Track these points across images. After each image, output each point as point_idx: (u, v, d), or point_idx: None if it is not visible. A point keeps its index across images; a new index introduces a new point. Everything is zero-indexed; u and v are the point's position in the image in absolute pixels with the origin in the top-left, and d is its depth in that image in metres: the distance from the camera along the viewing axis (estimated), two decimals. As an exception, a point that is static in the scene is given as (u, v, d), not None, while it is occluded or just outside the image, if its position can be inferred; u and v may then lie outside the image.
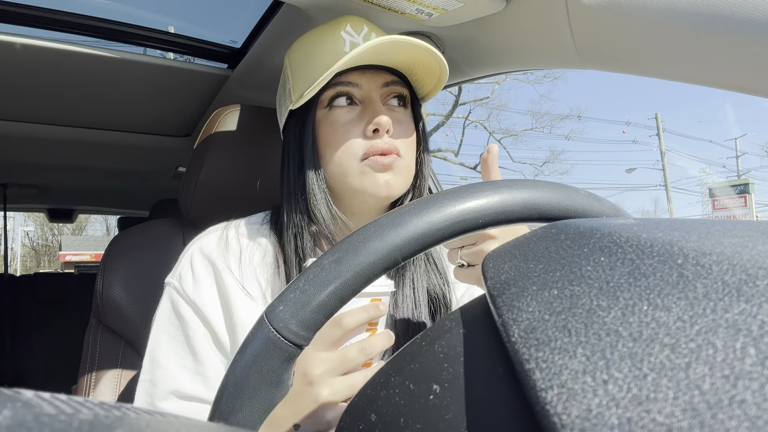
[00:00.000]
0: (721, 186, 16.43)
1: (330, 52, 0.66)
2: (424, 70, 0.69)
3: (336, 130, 0.66)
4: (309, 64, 0.67)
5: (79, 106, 1.36)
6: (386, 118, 0.64)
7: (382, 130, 0.64)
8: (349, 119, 0.67)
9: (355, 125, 0.66)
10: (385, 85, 0.68)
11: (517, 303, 0.20)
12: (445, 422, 0.20)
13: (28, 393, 0.13)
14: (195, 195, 0.90)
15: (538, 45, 0.81)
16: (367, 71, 0.67)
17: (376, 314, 0.52)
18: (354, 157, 0.65)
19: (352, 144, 0.65)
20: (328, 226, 0.66)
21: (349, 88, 0.67)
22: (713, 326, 0.16)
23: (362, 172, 0.65)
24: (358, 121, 0.66)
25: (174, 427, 0.13)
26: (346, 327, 0.50)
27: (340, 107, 0.67)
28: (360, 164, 0.65)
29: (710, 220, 0.23)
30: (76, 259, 17.31)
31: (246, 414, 0.30)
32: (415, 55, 0.66)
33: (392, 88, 0.69)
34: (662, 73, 0.69)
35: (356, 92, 0.67)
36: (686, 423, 0.14)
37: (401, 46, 0.63)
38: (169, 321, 0.67)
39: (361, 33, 0.68)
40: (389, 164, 0.65)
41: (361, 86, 0.67)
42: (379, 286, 0.54)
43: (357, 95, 0.67)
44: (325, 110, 0.68)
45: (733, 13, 0.54)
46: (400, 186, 0.67)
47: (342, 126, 0.66)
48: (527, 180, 0.33)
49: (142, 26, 1.11)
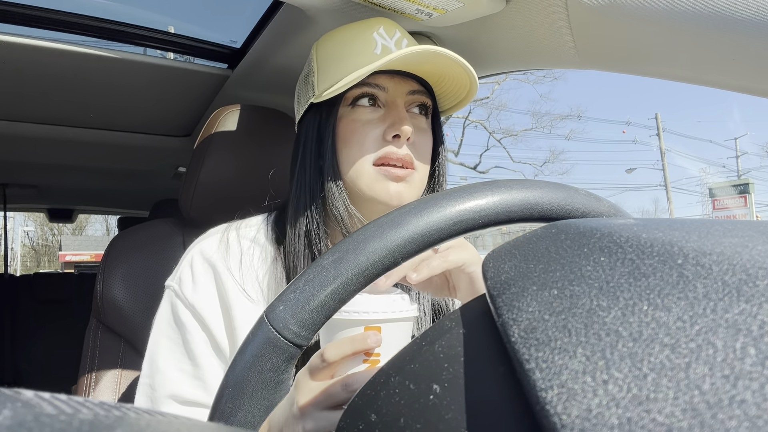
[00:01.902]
0: (721, 186, 16.43)
1: (361, 52, 0.66)
2: (452, 83, 0.69)
3: (356, 128, 0.66)
4: (339, 60, 0.67)
5: (79, 106, 1.36)
6: (408, 127, 0.64)
7: (403, 137, 0.64)
8: (370, 119, 0.67)
9: (376, 126, 0.66)
10: (411, 93, 0.68)
11: (517, 303, 0.20)
12: (445, 422, 0.20)
13: (28, 393, 0.13)
14: (195, 195, 0.90)
15: (538, 45, 0.81)
16: (396, 76, 0.67)
17: (363, 347, 0.44)
18: (368, 159, 0.65)
19: (368, 145, 0.65)
20: (346, 224, 0.66)
21: (376, 90, 0.67)
22: (713, 326, 0.16)
23: (374, 178, 0.65)
24: (379, 123, 0.66)
25: (174, 427, 0.13)
26: (329, 359, 0.44)
27: (363, 107, 0.67)
28: (373, 168, 0.65)
29: (710, 220, 0.23)
30: (76, 259, 17.31)
31: (246, 414, 0.30)
32: (447, 68, 0.66)
33: (417, 96, 0.69)
34: (662, 73, 0.69)
35: (382, 95, 0.67)
36: (686, 423, 0.14)
37: (437, 57, 0.63)
38: (168, 325, 0.66)
39: (394, 37, 0.68)
40: (403, 176, 0.65)
41: (387, 90, 0.67)
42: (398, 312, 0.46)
43: (382, 98, 0.67)
44: (348, 108, 0.68)
45: (733, 13, 0.54)
46: (411, 198, 0.66)
47: (362, 125, 0.66)
48: (527, 180, 0.33)
49: (142, 26, 1.11)
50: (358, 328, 0.46)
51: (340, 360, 0.45)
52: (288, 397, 0.48)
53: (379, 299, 0.47)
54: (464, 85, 0.69)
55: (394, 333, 0.46)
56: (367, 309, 0.45)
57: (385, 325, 0.46)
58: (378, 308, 0.45)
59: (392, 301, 0.47)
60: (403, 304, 0.47)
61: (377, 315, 0.45)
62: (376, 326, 0.46)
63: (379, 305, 0.46)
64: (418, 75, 0.69)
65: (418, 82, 0.69)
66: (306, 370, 0.47)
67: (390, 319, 0.46)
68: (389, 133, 0.64)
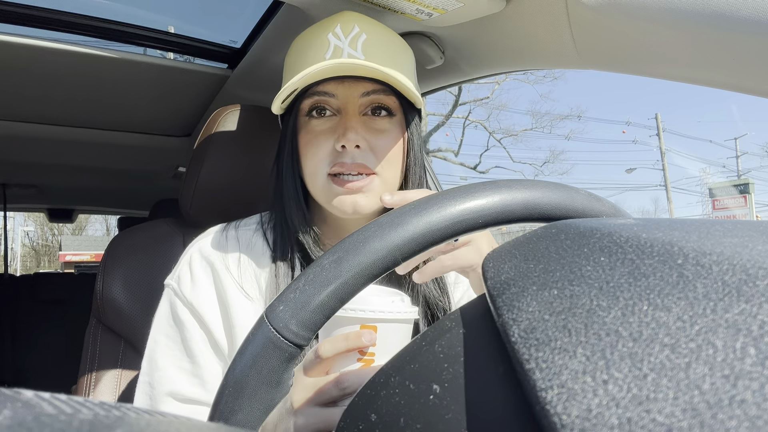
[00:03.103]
0: (721, 186, 16.43)
1: (312, 58, 0.63)
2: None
3: (309, 140, 0.65)
4: (293, 69, 0.65)
5: (79, 106, 1.36)
6: (353, 135, 0.62)
7: (348, 146, 0.62)
8: (322, 129, 0.65)
9: (327, 137, 0.65)
10: (365, 94, 0.65)
11: (517, 303, 0.20)
12: (445, 422, 0.20)
13: (28, 393, 0.13)
14: (195, 195, 0.90)
15: (538, 45, 0.81)
16: (346, 80, 0.65)
17: (357, 345, 0.44)
18: (321, 171, 0.64)
19: (321, 156, 0.64)
20: (303, 233, 0.66)
21: (326, 98, 0.65)
22: (713, 326, 0.16)
23: (329, 190, 0.64)
24: (331, 133, 0.65)
25: (174, 427, 0.13)
26: (322, 355, 0.44)
27: (317, 117, 0.66)
28: (326, 180, 0.64)
29: (710, 220, 0.23)
30: (76, 259, 17.30)
31: (246, 414, 0.30)
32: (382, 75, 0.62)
33: (373, 97, 0.66)
34: (662, 73, 0.69)
35: (333, 102, 0.65)
36: (686, 423, 0.14)
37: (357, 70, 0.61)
38: (167, 323, 0.67)
39: (350, 34, 0.64)
40: (357, 188, 0.63)
41: (337, 96, 0.65)
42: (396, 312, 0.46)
43: (333, 105, 0.66)
44: (305, 118, 0.67)
45: (733, 13, 0.54)
46: (371, 205, 0.64)
47: (315, 137, 0.65)
48: (527, 180, 0.33)
49: (142, 26, 1.11)
50: (354, 325, 0.46)
51: (333, 356, 0.45)
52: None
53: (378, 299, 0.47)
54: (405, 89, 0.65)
55: (390, 334, 0.46)
56: (364, 307, 0.45)
57: (382, 324, 0.46)
58: (376, 307, 0.45)
59: (391, 301, 0.47)
60: (402, 305, 0.47)
61: (374, 314, 0.45)
62: (372, 325, 0.45)
63: (377, 304, 0.46)
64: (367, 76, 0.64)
65: (375, 82, 0.65)
66: (301, 366, 0.47)
67: (387, 319, 0.46)
68: (337, 144, 0.63)
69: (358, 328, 0.45)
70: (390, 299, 0.47)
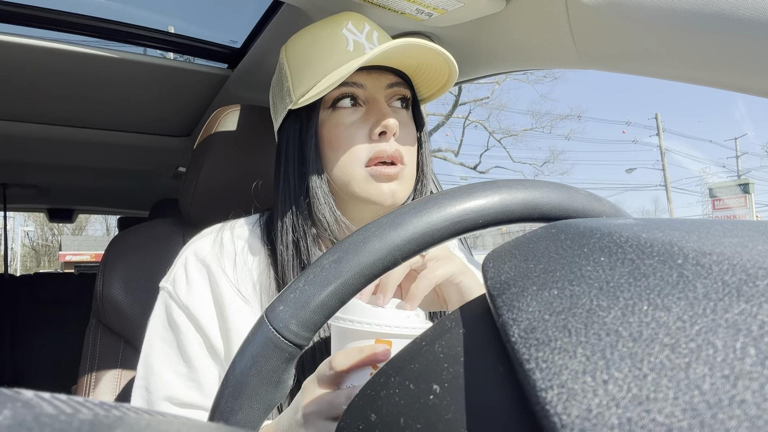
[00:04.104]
0: (721, 186, 16.43)
1: (334, 51, 0.64)
2: (430, 72, 0.68)
3: (340, 132, 0.65)
4: (311, 63, 0.65)
5: (79, 106, 1.36)
6: (394, 121, 0.62)
7: (389, 132, 0.63)
8: (353, 121, 0.65)
9: (360, 127, 0.65)
10: (389, 86, 0.67)
11: (517, 303, 0.20)
12: (445, 422, 0.20)
13: (28, 393, 0.13)
14: (195, 195, 0.90)
15: (538, 45, 0.81)
16: (373, 72, 0.66)
17: (371, 359, 0.44)
18: (359, 161, 0.64)
19: (356, 147, 0.64)
20: (333, 230, 0.65)
21: (354, 89, 0.65)
22: (713, 326, 0.16)
23: (367, 180, 0.64)
24: (362, 123, 0.65)
25: (174, 427, 0.13)
26: (336, 368, 0.44)
27: (345, 108, 0.66)
28: (364, 170, 0.64)
29: (710, 220, 0.23)
30: (76, 259, 17.30)
31: (246, 414, 0.30)
32: (424, 58, 0.64)
33: (396, 89, 0.67)
34: (662, 73, 0.69)
35: (361, 93, 0.66)
36: (686, 423, 0.14)
37: (412, 48, 0.61)
38: (162, 326, 0.66)
39: (364, 31, 0.66)
40: (395, 174, 0.64)
41: (366, 87, 0.66)
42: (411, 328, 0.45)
43: (362, 96, 0.66)
44: (329, 111, 0.66)
45: (733, 13, 0.54)
46: (405, 193, 0.66)
47: (346, 128, 0.65)
48: (527, 180, 0.33)
49: (142, 26, 1.11)
50: (369, 339, 0.46)
51: (347, 369, 0.44)
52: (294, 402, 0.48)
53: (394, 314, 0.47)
54: (443, 73, 0.67)
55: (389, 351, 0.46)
56: (380, 322, 0.45)
57: (397, 340, 0.46)
58: (391, 322, 0.45)
59: (406, 317, 0.47)
60: (417, 321, 0.47)
61: (389, 329, 0.45)
62: (387, 340, 0.45)
63: (392, 319, 0.46)
64: (396, 67, 0.67)
65: (395, 74, 0.67)
66: (314, 377, 0.47)
67: (402, 334, 0.46)
68: (375, 132, 0.63)
69: (373, 342, 0.45)
70: (405, 314, 0.47)
